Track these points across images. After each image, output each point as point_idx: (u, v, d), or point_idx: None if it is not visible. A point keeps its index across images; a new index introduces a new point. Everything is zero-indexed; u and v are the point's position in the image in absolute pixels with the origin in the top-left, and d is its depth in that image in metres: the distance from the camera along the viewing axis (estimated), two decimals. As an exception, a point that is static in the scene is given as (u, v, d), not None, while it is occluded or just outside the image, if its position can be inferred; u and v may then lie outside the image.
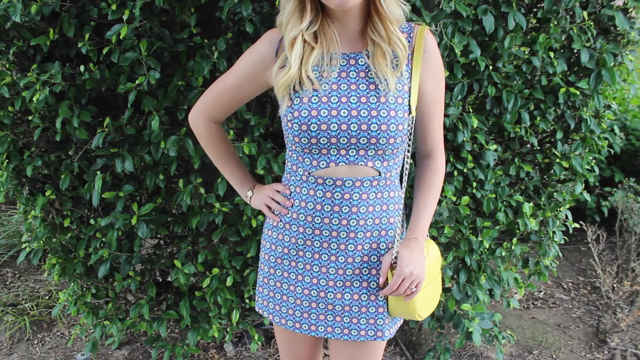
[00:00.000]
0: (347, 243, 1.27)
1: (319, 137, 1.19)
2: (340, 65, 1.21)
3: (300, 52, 1.18)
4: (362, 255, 1.28)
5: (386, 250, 1.29)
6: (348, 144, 1.19)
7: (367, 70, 1.20)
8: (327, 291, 1.30)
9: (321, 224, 1.26)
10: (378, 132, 1.18)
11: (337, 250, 1.27)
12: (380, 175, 1.24)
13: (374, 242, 1.28)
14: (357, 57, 1.21)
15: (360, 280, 1.29)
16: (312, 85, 1.19)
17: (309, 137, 1.19)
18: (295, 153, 1.27)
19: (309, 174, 1.25)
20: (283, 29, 1.20)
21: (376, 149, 1.20)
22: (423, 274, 1.24)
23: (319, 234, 1.27)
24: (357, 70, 1.20)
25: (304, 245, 1.30)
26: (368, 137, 1.18)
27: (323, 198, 1.24)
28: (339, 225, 1.25)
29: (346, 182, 1.22)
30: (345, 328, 1.32)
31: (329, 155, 1.21)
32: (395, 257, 1.24)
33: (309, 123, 1.18)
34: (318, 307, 1.32)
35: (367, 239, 1.27)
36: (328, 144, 1.20)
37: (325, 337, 1.34)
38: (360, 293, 1.30)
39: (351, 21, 1.20)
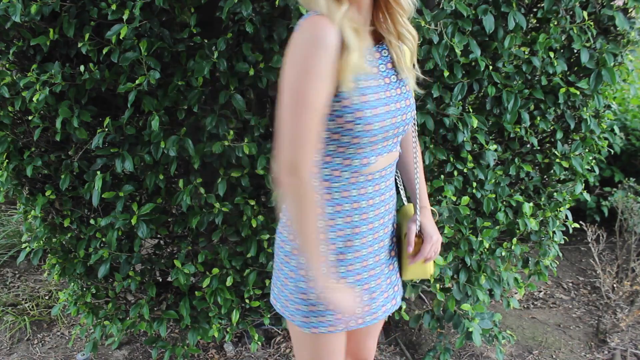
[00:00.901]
0: (389, 224, 1.33)
1: (377, 134, 1.16)
2: (375, 58, 1.19)
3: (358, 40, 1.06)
4: (391, 228, 1.36)
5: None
6: (393, 135, 1.22)
7: (391, 61, 1.21)
8: (384, 273, 1.36)
9: (374, 216, 1.27)
10: (411, 118, 1.26)
11: (384, 234, 1.32)
12: (399, 156, 1.33)
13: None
14: (381, 50, 1.21)
15: (389, 250, 1.36)
16: (367, 82, 1.14)
17: (370, 135, 1.14)
18: (341, 156, 1.17)
19: (359, 174, 1.20)
20: (332, 13, 1.03)
21: (402, 134, 1.26)
22: (441, 238, 1.38)
23: (372, 227, 1.28)
24: (384, 62, 1.20)
25: (369, 240, 1.30)
26: (406, 125, 1.23)
27: (373, 192, 1.25)
28: (385, 212, 1.29)
29: (387, 170, 1.26)
30: (391, 300, 1.38)
31: (376, 150, 1.20)
32: (419, 226, 1.35)
33: (372, 122, 1.12)
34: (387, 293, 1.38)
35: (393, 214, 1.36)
36: (381, 139, 1.19)
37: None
38: (391, 262, 1.38)
39: (366, 10, 1.14)
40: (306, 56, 1.01)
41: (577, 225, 2.36)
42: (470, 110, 1.92)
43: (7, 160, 1.89)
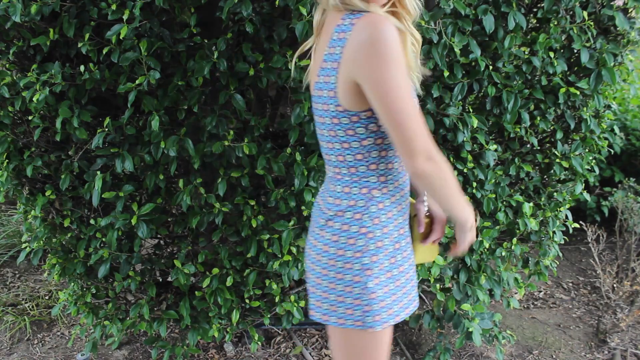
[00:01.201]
0: None
1: None
2: None
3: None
4: None
5: None
6: None
7: None
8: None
9: (406, 204, 1.31)
10: None
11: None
12: None
13: None
14: None
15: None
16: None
17: None
18: (393, 149, 1.20)
19: (399, 164, 1.25)
20: (377, 10, 1.08)
21: None
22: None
23: (405, 215, 1.32)
24: None
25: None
26: None
27: (404, 182, 1.29)
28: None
29: None
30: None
31: None
32: (427, 206, 1.38)
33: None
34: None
35: None
36: None
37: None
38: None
39: None
40: (394, 50, 1.04)
41: (577, 225, 2.36)
42: (470, 110, 1.92)
43: (7, 160, 1.89)
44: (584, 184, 2.19)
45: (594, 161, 2.21)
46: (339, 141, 1.18)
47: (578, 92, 1.88)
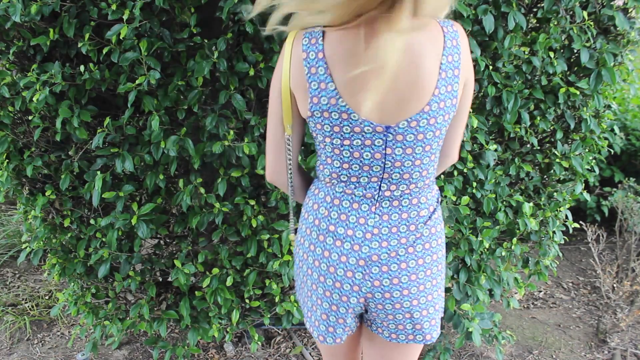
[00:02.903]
0: None
1: None
2: None
3: None
4: None
5: None
6: None
7: None
8: None
9: None
10: None
11: None
12: None
13: None
14: None
15: None
16: None
17: None
18: None
19: None
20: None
21: None
22: None
23: None
24: None
25: None
26: None
27: None
28: None
29: None
30: None
31: None
32: None
33: None
34: None
35: None
36: None
37: None
38: None
39: None
40: None
41: (577, 225, 2.36)
42: (471, 110, 1.92)
43: (7, 160, 1.89)
44: (584, 184, 2.19)
45: (594, 161, 2.21)
46: (432, 152, 1.14)
47: (578, 92, 1.88)
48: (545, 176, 2.20)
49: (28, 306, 2.77)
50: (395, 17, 0.94)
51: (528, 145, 2.09)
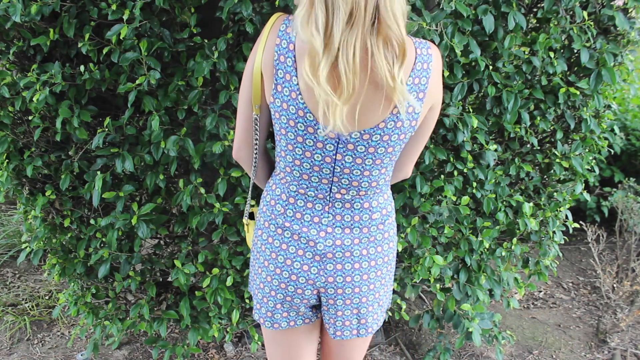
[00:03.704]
0: None
1: None
2: None
3: None
4: None
5: None
6: None
7: None
8: None
9: None
10: None
11: None
12: None
13: None
14: None
15: None
16: None
17: None
18: None
19: None
20: None
21: None
22: None
23: None
24: None
25: None
26: None
27: None
28: None
29: None
30: None
31: None
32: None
33: None
34: None
35: None
36: None
37: None
38: None
39: None
40: None
41: (577, 225, 2.36)
42: (470, 110, 1.92)
43: (7, 160, 1.89)
44: (584, 184, 2.19)
45: (594, 161, 2.21)
46: (383, 167, 1.18)
47: (578, 92, 1.88)
48: (545, 176, 2.20)
49: (28, 306, 2.77)
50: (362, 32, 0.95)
51: (528, 145, 2.09)
